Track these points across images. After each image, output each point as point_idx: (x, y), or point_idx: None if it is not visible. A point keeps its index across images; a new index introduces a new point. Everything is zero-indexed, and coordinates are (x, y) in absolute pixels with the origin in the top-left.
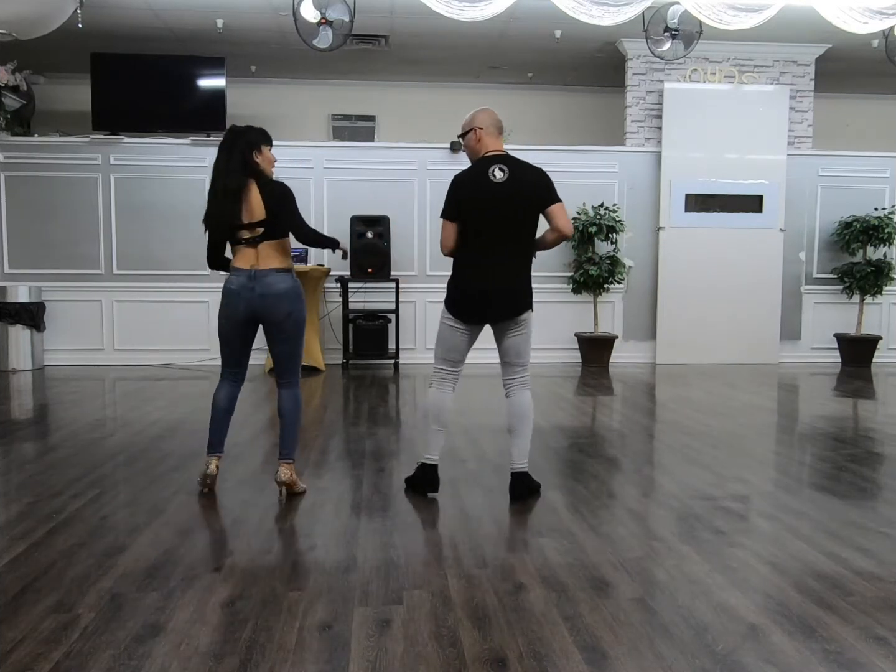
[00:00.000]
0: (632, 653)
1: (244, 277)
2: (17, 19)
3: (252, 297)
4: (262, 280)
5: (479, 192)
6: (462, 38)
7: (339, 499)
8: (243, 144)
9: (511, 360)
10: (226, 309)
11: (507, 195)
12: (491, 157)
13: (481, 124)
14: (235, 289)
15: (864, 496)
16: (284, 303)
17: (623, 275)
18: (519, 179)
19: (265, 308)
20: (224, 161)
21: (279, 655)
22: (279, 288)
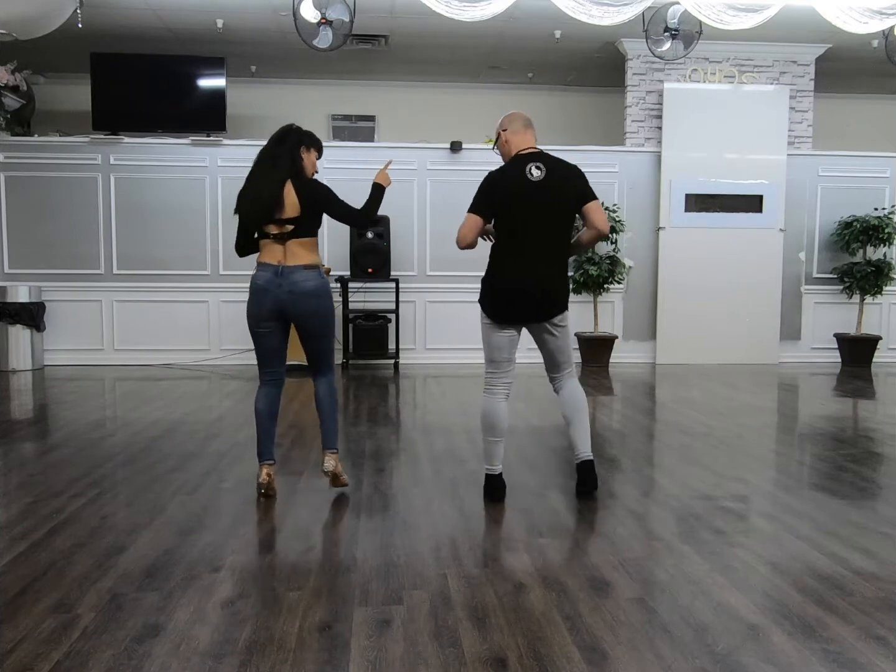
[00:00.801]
0: (632, 653)
1: (271, 273)
2: (17, 19)
3: (280, 293)
4: (289, 277)
5: (516, 191)
6: (462, 38)
7: (339, 499)
8: (295, 139)
9: (556, 360)
10: (253, 304)
11: (545, 193)
12: (525, 155)
13: (504, 126)
14: (263, 284)
15: (864, 496)
16: (312, 300)
17: (623, 275)
18: (556, 177)
19: (293, 305)
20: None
21: (279, 655)
22: (307, 286)
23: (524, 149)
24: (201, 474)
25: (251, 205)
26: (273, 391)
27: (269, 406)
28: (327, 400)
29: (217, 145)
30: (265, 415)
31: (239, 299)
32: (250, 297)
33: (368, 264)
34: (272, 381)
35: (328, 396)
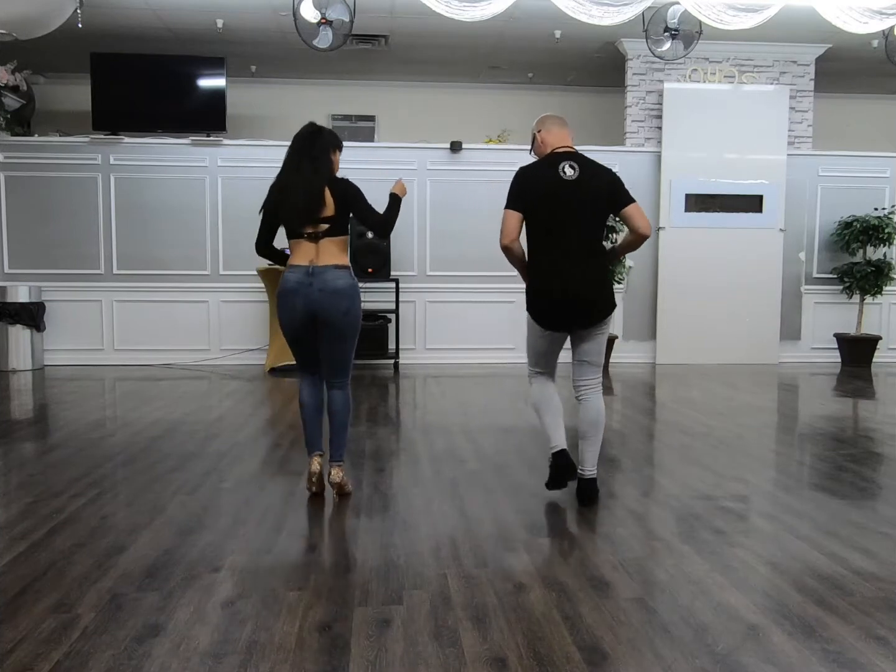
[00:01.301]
0: (632, 653)
1: (301, 273)
2: (17, 19)
3: (310, 292)
4: (320, 276)
5: (548, 187)
6: (462, 38)
7: (339, 499)
8: (329, 140)
9: (590, 360)
10: (284, 308)
11: (579, 192)
12: (559, 153)
13: (539, 126)
14: (293, 286)
15: (864, 496)
16: (343, 300)
17: (623, 275)
18: (591, 178)
19: (323, 304)
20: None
21: (279, 655)
22: (338, 284)
23: (559, 147)
24: (201, 474)
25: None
26: (316, 383)
27: (315, 399)
28: (342, 413)
29: (217, 145)
30: (312, 408)
31: (239, 299)
32: (280, 301)
33: (368, 264)
34: (314, 377)
35: (344, 409)
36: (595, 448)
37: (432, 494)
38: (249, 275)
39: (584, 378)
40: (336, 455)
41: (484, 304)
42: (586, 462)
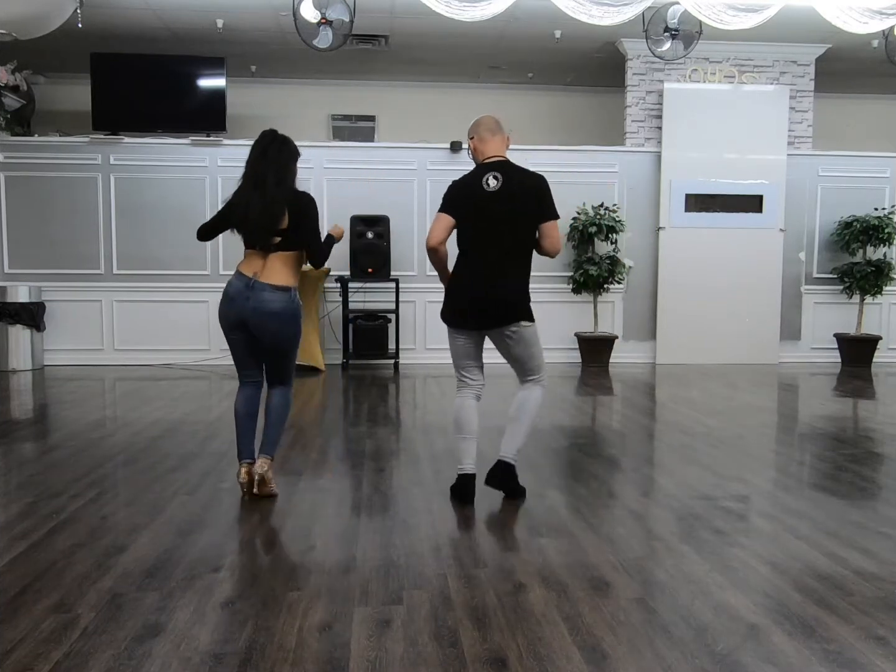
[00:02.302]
0: (632, 653)
1: (242, 284)
2: (17, 19)
3: (245, 306)
4: (258, 293)
5: (471, 200)
6: (462, 38)
7: (339, 499)
8: (292, 151)
9: (516, 368)
10: (221, 311)
11: (499, 204)
12: (488, 163)
13: (471, 133)
14: (232, 293)
15: (864, 496)
16: (275, 322)
17: (623, 275)
18: (513, 188)
19: (255, 322)
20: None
21: (279, 655)
22: (272, 307)
23: (489, 156)
24: (201, 474)
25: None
26: (251, 392)
27: (247, 407)
28: (278, 410)
29: (217, 145)
30: (243, 415)
31: None
32: (221, 301)
33: (368, 264)
34: (249, 382)
35: (280, 407)
36: (515, 434)
37: (432, 494)
38: None
39: (520, 377)
40: (265, 449)
41: None
42: (503, 444)
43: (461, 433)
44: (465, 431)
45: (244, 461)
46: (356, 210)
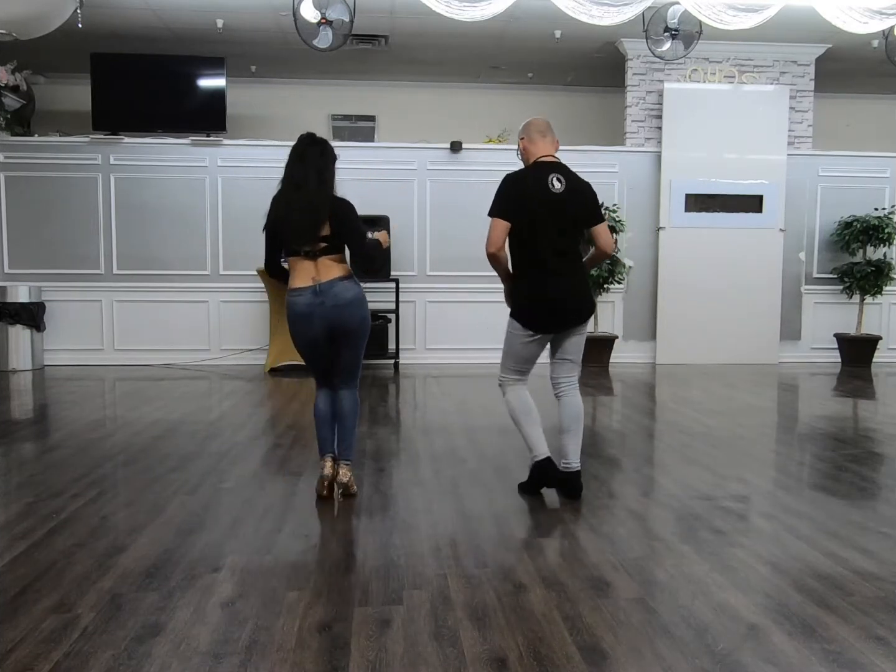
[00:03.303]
0: (632, 653)
1: (309, 294)
2: (17, 19)
3: (325, 310)
4: (329, 292)
5: (539, 199)
6: (462, 38)
7: (343, 499)
8: (329, 155)
9: (571, 358)
10: (300, 332)
11: (566, 206)
12: (545, 164)
13: (522, 134)
14: (304, 309)
15: (864, 496)
16: (356, 309)
17: (623, 275)
18: (575, 192)
19: (340, 317)
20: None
21: (279, 655)
22: (348, 296)
23: (542, 156)
24: (201, 474)
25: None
26: (331, 393)
27: (329, 407)
28: (352, 413)
29: (217, 145)
30: (327, 415)
31: (239, 299)
32: (293, 325)
33: None
34: (329, 387)
35: (353, 409)
36: (577, 441)
37: (432, 494)
38: (249, 275)
39: (563, 375)
40: (345, 454)
41: (484, 304)
42: (570, 455)
43: (530, 419)
44: (533, 416)
45: (328, 455)
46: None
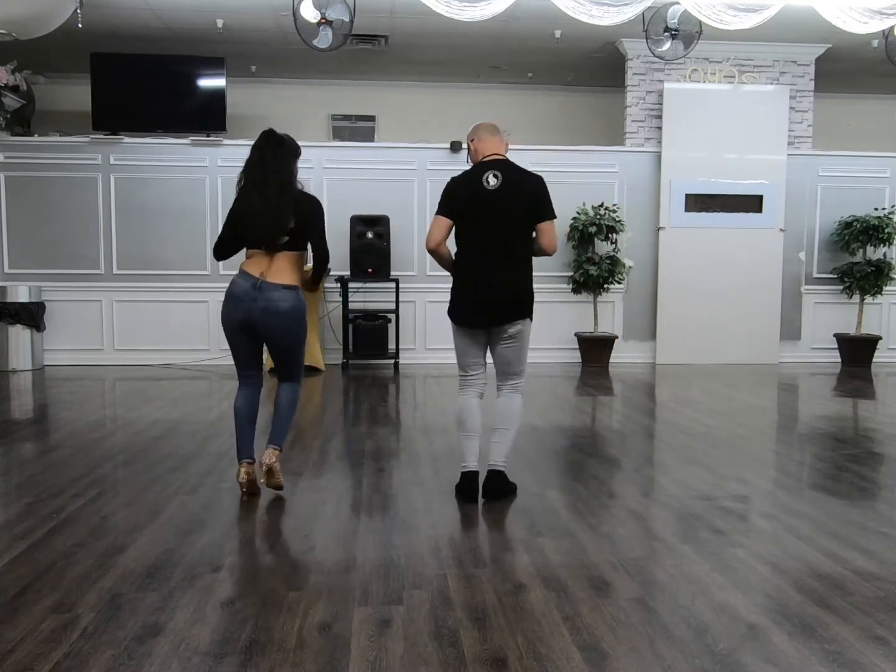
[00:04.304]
0: (632, 653)
1: (249, 285)
2: (17, 19)
3: (253, 307)
4: (266, 293)
5: (471, 197)
6: (462, 38)
7: (339, 499)
8: (290, 152)
9: (504, 369)
10: (226, 311)
11: (499, 201)
12: (487, 162)
13: (471, 136)
14: (238, 294)
15: (864, 496)
16: (285, 320)
17: (623, 275)
18: (512, 186)
19: (265, 322)
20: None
21: (279, 655)
22: (281, 306)
23: (488, 155)
24: (201, 474)
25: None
26: (251, 391)
27: (247, 406)
28: (287, 404)
29: (217, 145)
30: (244, 415)
31: None
32: (224, 302)
33: (368, 264)
34: (250, 382)
35: (289, 401)
36: (502, 442)
37: (432, 494)
38: None
39: (500, 382)
40: (273, 440)
41: None
42: (491, 453)
43: (465, 431)
44: (469, 429)
45: (244, 461)
46: (356, 210)
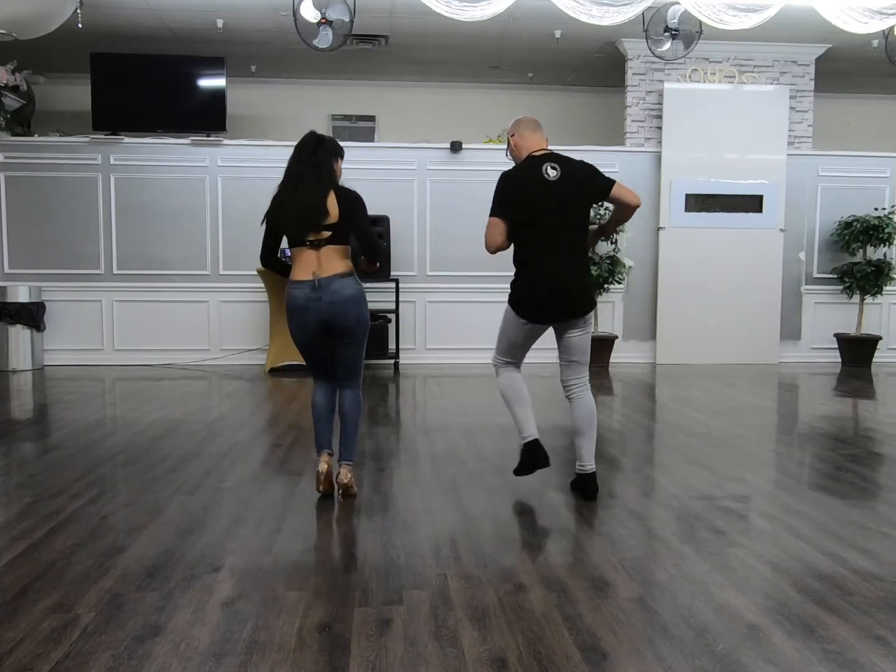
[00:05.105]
0: (632, 653)
1: (308, 289)
2: (17, 19)
3: (320, 306)
4: (327, 288)
5: (535, 190)
6: (462, 38)
7: (343, 499)
8: (332, 148)
9: (577, 359)
10: (296, 324)
11: (563, 192)
12: (538, 156)
13: (512, 131)
14: (302, 302)
15: (864, 496)
16: (353, 307)
17: (623, 275)
18: (571, 176)
19: (334, 315)
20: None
21: (279, 655)
22: (346, 294)
23: (536, 150)
24: (201, 474)
25: (297, 219)
26: (329, 387)
27: (326, 400)
28: (353, 412)
29: (217, 145)
30: (322, 408)
31: (239, 299)
32: (290, 317)
33: None
34: (327, 382)
35: (355, 409)
36: (592, 443)
37: (432, 494)
38: (249, 275)
39: (573, 377)
40: (346, 455)
41: (484, 304)
42: (585, 458)
43: (521, 400)
44: (525, 399)
45: (324, 451)
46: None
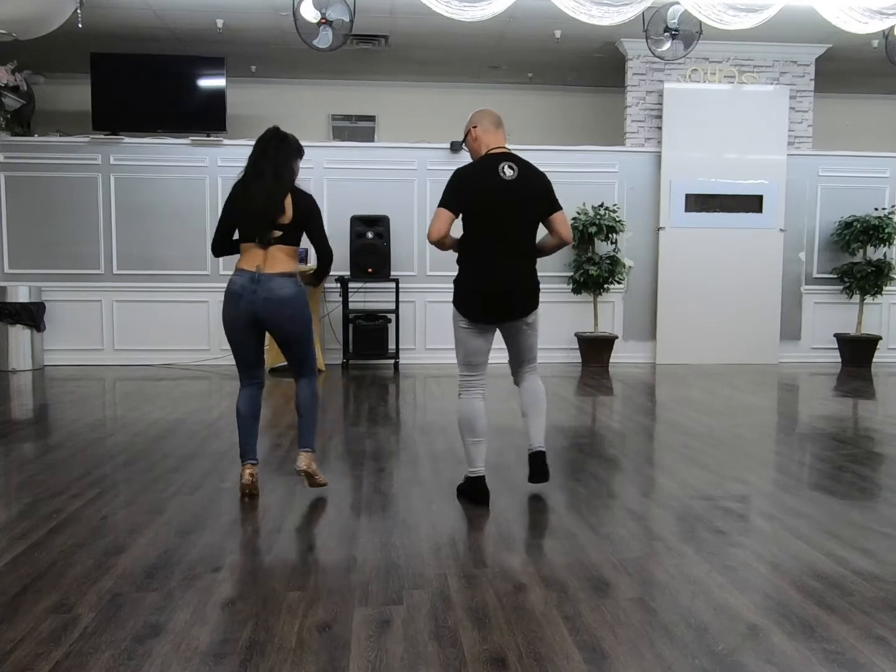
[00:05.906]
0: (632, 653)
1: (247, 279)
2: (17, 19)
3: (255, 299)
4: (265, 284)
5: (489, 188)
6: (462, 38)
7: (339, 499)
8: (293, 148)
9: (524, 358)
10: (227, 310)
11: (517, 193)
12: (497, 154)
13: (475, 123)
14: (237, 290)
15: (864, 496)
16: (288, 308)
17: (623, 275)
18: (527, 180)
19: (268, 312)
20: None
21: (279, 655)
22: (282, 293)
23: (494, 147)
24: (201, 474)
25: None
26: (254, 392)
27: (250, 407)
28: (308, 403)
29: (217, 145)
30: (248, 416)
31: None
32: (224, 302)
33: (368, 264)
34: (252, 384)
35: (309, 400)
36: (539, 423)
37: (432, 494)
38: None
39: (519, 368)
40: (304, 442)
41: None
42: (531, 437)
43: (475, 437)
44: (479, 434)
45: (247, 462)
46: (356, 210)
